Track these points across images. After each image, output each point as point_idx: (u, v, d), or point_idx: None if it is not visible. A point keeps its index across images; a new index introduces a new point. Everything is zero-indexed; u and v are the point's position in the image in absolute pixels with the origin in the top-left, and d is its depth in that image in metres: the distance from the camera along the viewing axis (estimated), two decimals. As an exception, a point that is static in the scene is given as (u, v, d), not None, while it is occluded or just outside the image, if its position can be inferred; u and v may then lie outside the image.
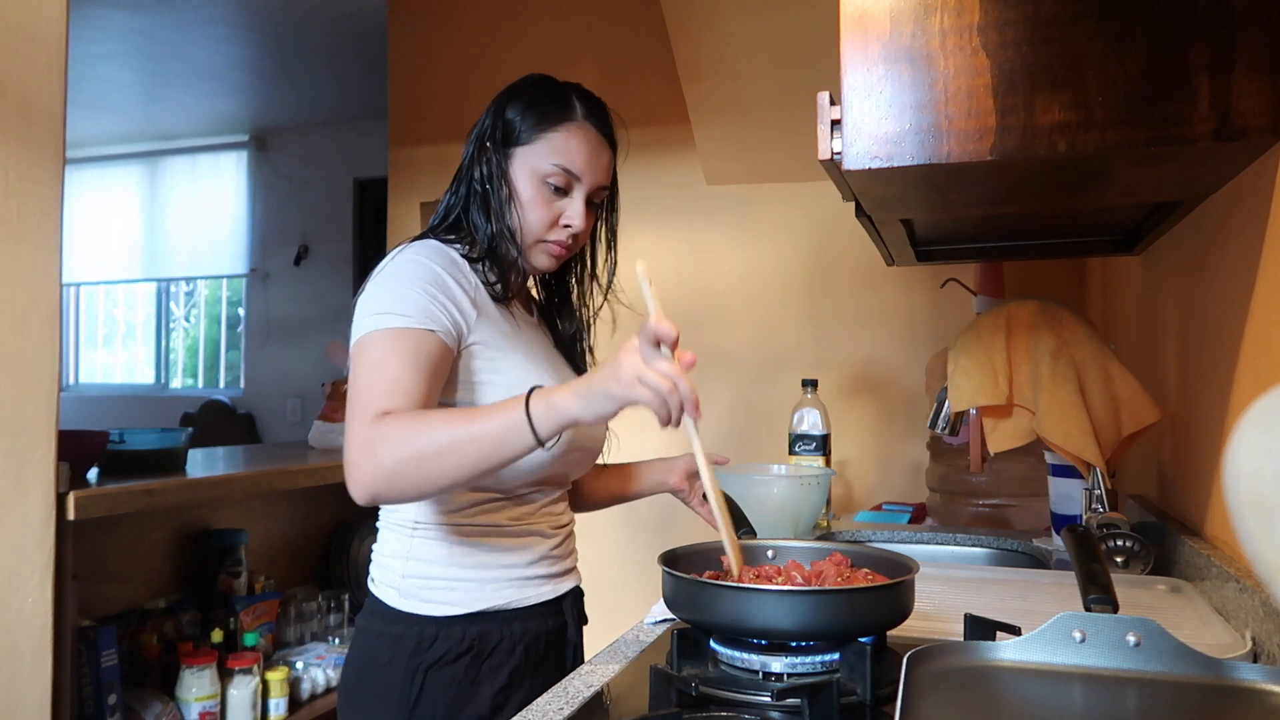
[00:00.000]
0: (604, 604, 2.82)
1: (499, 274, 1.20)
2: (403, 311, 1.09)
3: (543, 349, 1.27)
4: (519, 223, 1.21)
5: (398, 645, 1.15)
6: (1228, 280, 1.17)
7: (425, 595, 1.17)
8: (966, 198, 1.21)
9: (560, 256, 1.25)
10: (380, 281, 1.14)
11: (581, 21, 2.90)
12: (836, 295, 2.71)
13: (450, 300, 1.12)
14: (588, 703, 0.90)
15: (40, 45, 1.52)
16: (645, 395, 0.95)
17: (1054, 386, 1.55)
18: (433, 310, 1.10)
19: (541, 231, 1.21)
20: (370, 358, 1.07)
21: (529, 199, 1.20)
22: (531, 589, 1.21)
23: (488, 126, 1.24)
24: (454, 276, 1.14)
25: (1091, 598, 0.80)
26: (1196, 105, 0.90)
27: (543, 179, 1.20)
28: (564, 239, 1.22)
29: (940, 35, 0.97)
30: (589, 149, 1.22)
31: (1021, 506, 2.10)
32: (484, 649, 1.16)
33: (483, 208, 1.22)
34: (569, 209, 1.22)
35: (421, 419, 1.02)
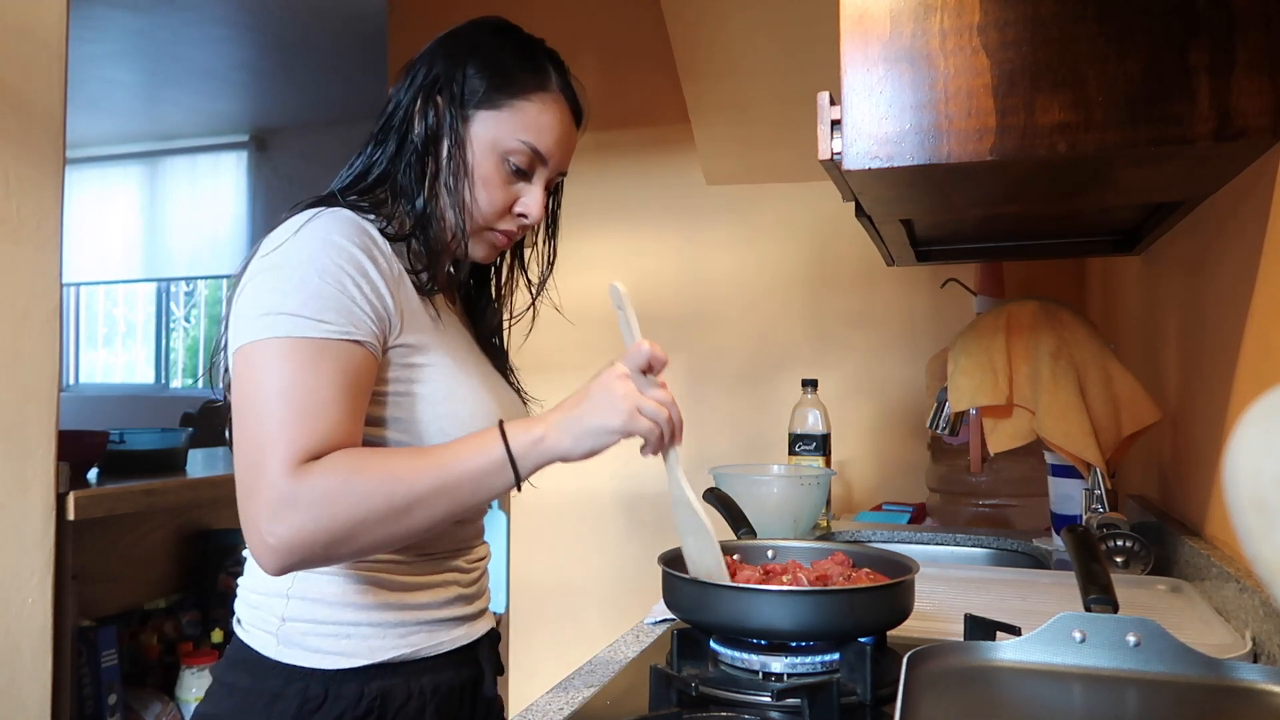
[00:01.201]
0: (604, 604, 2.83)
1: (427, 258, 0.98)
2: (318, 315, 0.85)
3: (468, 350, 1.04)
4: (469, 202, 0.99)
5: (273, 707, 0.90)
6: (1228, 280, 1.17)
7: (311, 643, 0.92)
8: (966, 198, 1.21)
9: (502, 248, 1.05)
10: (280, 268, 0.87)
11: (581, 21, 2.90)
12: (836, 295, 2.71)
13: (374, 295, 0.90)
14: (588, 703, 0.90)
15: (40, 45, 1.52)
16: (645, 427, 0.86)
17: (1054, 386, 1.55)
18: (356, 312, 0.88)
19: (491, 217, 1.00)
20: (273, 375, 0.84)
21: (485, 176, 0.98)
22: (443, 633, 0.99)
23: (439, 75, 0.99)
24: (374, 261, 0.91)
25: (1091, 598, 0.80)
26: (1196, 105, 0.91)
27: (504, 155, 0.98)
28: (513, 229, 1.03)
29: (940, 35, 0.97)
30: (561, 127, 1.03)
31: (1021, 506, 2.10)
32: (387, 710, 0.93)
33: (419, 174, 0.98)
34: (527, 195, 1.01)
35: (365, 466, 0.83)
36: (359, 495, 0.82)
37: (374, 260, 0.91)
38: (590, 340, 2.94)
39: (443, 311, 1.02)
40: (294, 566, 0.83)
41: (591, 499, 2.87)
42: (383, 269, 0.91)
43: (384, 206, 0.99)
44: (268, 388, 0.84)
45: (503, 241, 1.03)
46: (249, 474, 0.83)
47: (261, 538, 0.81)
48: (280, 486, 0.81)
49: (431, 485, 0.84)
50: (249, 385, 0.85)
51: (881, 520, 2.12)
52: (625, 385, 0.86)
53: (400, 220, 0.98)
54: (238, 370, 0.87)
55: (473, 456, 0.85)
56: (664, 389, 0.89)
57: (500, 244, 1.04)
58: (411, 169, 0.99)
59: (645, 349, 0.90)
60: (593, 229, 2.93)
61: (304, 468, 0.82)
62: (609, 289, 0.95)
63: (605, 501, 2.86)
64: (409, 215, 0.98)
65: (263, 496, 0.81)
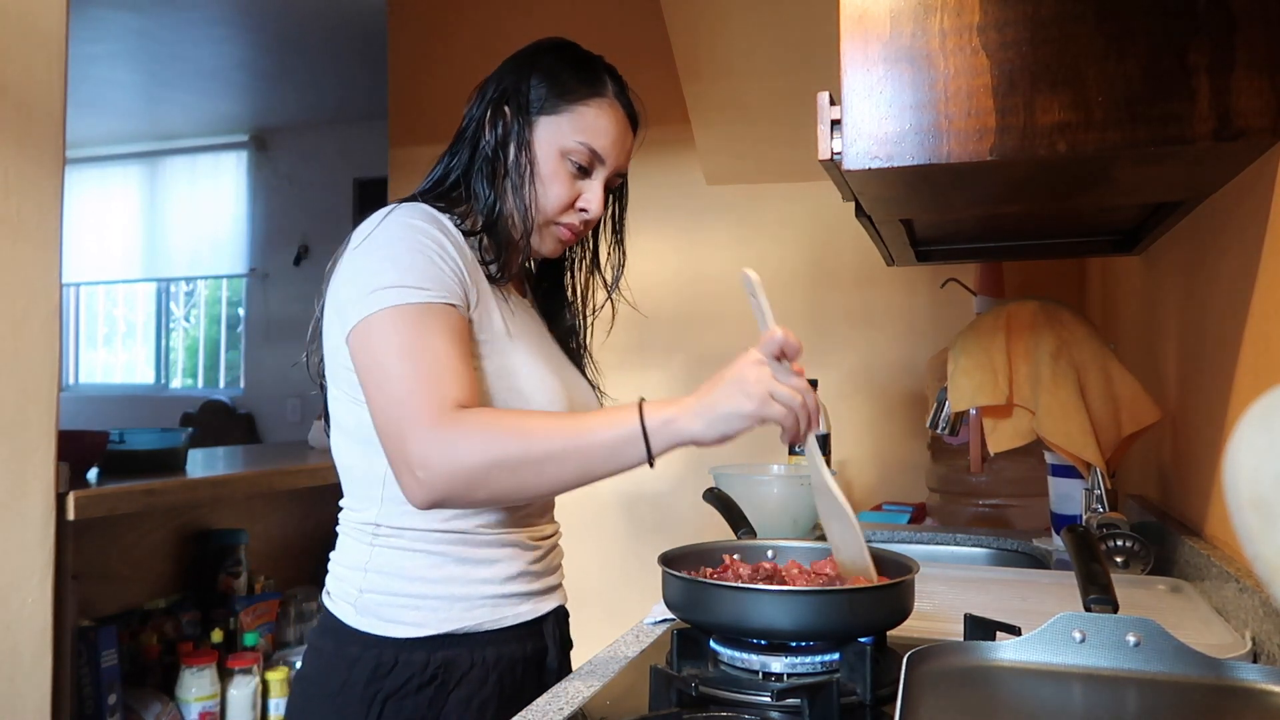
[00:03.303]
0: (604, 604, 2.83)
1: (496, 252, 1.08)
2: (419, 284, 0.96)
3: (539, 336, 1.15)
4: (534, 198, 1.09)
5: (352, 670, 1.00)
6: (1228, 280, 1.17)
7: (385, 613, 1.02)
8: (966, 198, 1.21)
9: (569, 242, 1.14)
10: (372, 252, 1.00)
11: (581, 21, 2.89)
12: (836, 295, 2.71)
13: (455, 269, 1.01)
14: (588, 703, 0.90)
15: (40, 45, 1.52)
16: (779, 412, 0.89)
17: (1054, 386, 1.55)
18: (447, 281, 0.99)
19: (556, 212, 1.10)
20: (394, 341, 0.94)
21: (549, 174, 1.08)
22: (507, 608, 1.07)
23: (507, 88, 1.11)
24: (451, 241, 1.03)
25: (1091, 598, 0.80)
26: (1196, 105, 0.90)
27: (565, 155, 1.09)
28: (577, 223, 1.12)
29: (940, 35, 0.97)
30: (617, 129, 1.13)
31: (1021, 506, 2.10)
32: (451, 677, 1.02)
33: (489, 176, 1.10)
34: (588, 191, 1.11)
35: (515, 420, 0.94)
36: (498, 441, 0.91)
37: (449, 241, 1.02)
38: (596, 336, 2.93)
39: (515, 302, 1.12)
40: (441, 502, 0.93)
41: (591, 499, 2.87)
42: (459, 249, 1.02)
43: (458, 206, 1.10)
44: (393, 352, 0.94)
45: (567, 236, 1.12)
46: (396, 427, 0.93)
47: (414, 475, 0.92)
48: (427, 429, 0.91)
49: (564, 446, 0.91)
50: (375, 355, 0.96)
51: (881, 520, 2.12)
52: (759, 371, 0.89)
53: (474, 218, 1.09)
54: (357, 347, 0.97)
55: (607, 428, 0.91)
56: (800, 375, 0.92)
57: (565, 238, 1.12)
58: (482, 172, 1.10)
59: (779, 336, 0.91)
60: (593, 229, 2.92)
61: (447, 414, 0.91)
62: (741, 277, 0.99)
63: (605, 501, 2.86)
64: (481, 213, 1.09)
65: (412, 439, 0.91)
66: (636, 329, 2.87)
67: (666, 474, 2.80)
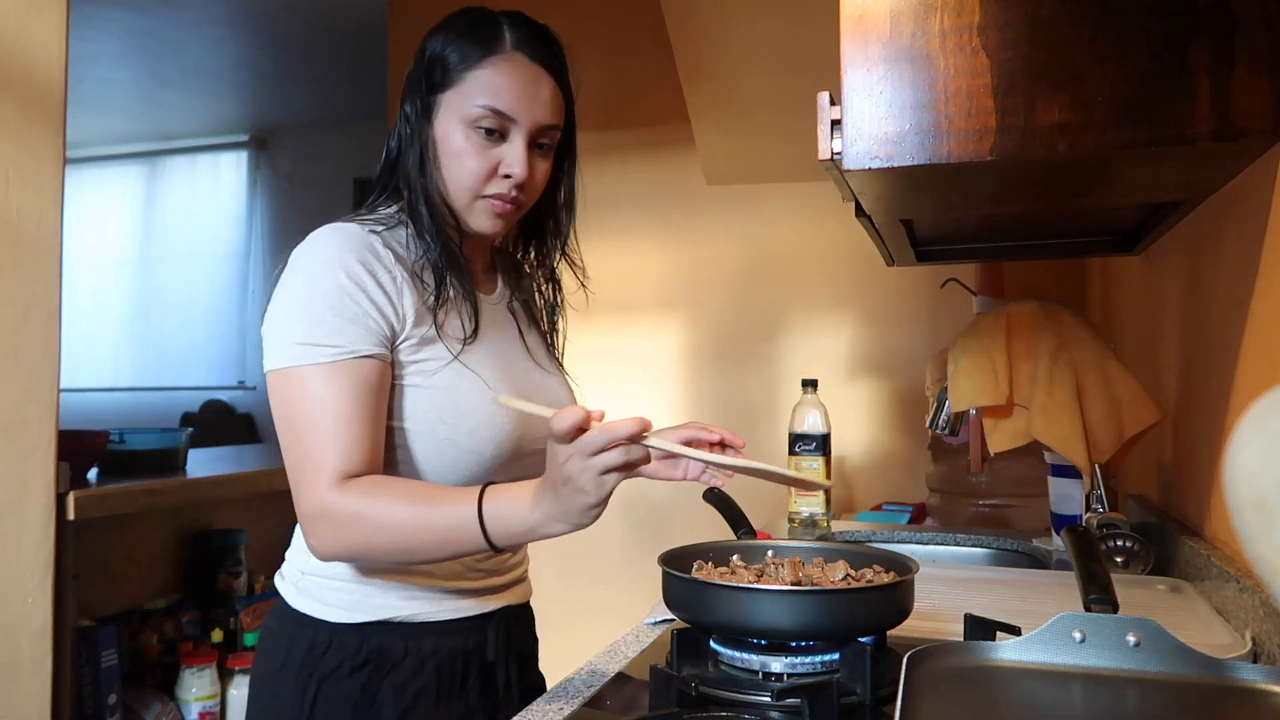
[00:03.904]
0: (604, 604, 2.83)
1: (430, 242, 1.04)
2: (327, 339, 0.95)
3: (505, 339, 1.12)
4: (449, 177, 1.04)
5: (290, 650, 1.02)
6: (1228, 280, 1.17)
7: (322, 595, 1.03)
8: (966, 198, 1.21)
9: (507, 214, 1.07)
10: (292, 293, 0.98)
11: (581, 21, 2.89)
12: (836, 295, 2.71)
13: (373, 304, 0.97)
14: (588, 703, 0.90)
15: (40, 45, 1.52)
16: (616, 479, 0.83)
17: (1050, 387, 1.55)
18: (360, 330, 0.96)
19: (477, 184, 1.04)
20: (306, 398, 0.94)
21: (459, 148, 1.03)
22: (448, 601, 1.06)
23: (412, 76, 1.08)
24: (372, 272, 0.98)
25: (1091, 598, 0.80)
26: (1196, 105, 0.90)
27: (471, 124, 1.03)
28: (506, 191, 1.04)
29: (940, 35, 0.97)
30: (521, 82, 1.04)
31: (1021, 506, 2.10)
32: (384, 664, 1.02)
33: (411, 168, 1.06)
34: (507, 155, 1.04)
35: (380, 497, 0.93)
36: (364, 534, 0.93)
37: (371, 271, 0.98)
38: (597, 336, 2.94)
39: (484, 302, 1.10)
40: (338, 560, 0.99)
41: (591, 499, 2.87)
42: (382, 279, 0.99)
43: (399, 198, 1.08)
44: (295, 414, 0.96)
45: (502, 207, 1.06)
46: (294, 489, 0.96)
47: (309, 535, 0.95)
48: (312, 506, 0.94)
49: (417, 526, 0.92)
50: (279, 410, 0.97)
51: (881, 520, 2.12)
52: (577, 465, 0.82)
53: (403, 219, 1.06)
54: (270, 393, 0.98)
55: (451, 512, 0.90)
56: (600, 431, 0.82)
57: (500, 210, 1.06)
58: (408, 160, 1.06)
59: (565, 419, 0.82)
60: (592, 228, 2.92)
61: (330, 494, 0.93)
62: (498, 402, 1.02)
63: (605, 501, 2.85)
64: (414, 200, 1.05)
65: (302, 511, 0.95)
66: (637, 329, 2.87)
67: (666, 474, 2.79)
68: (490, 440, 1.02)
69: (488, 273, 1.18)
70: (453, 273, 1.05)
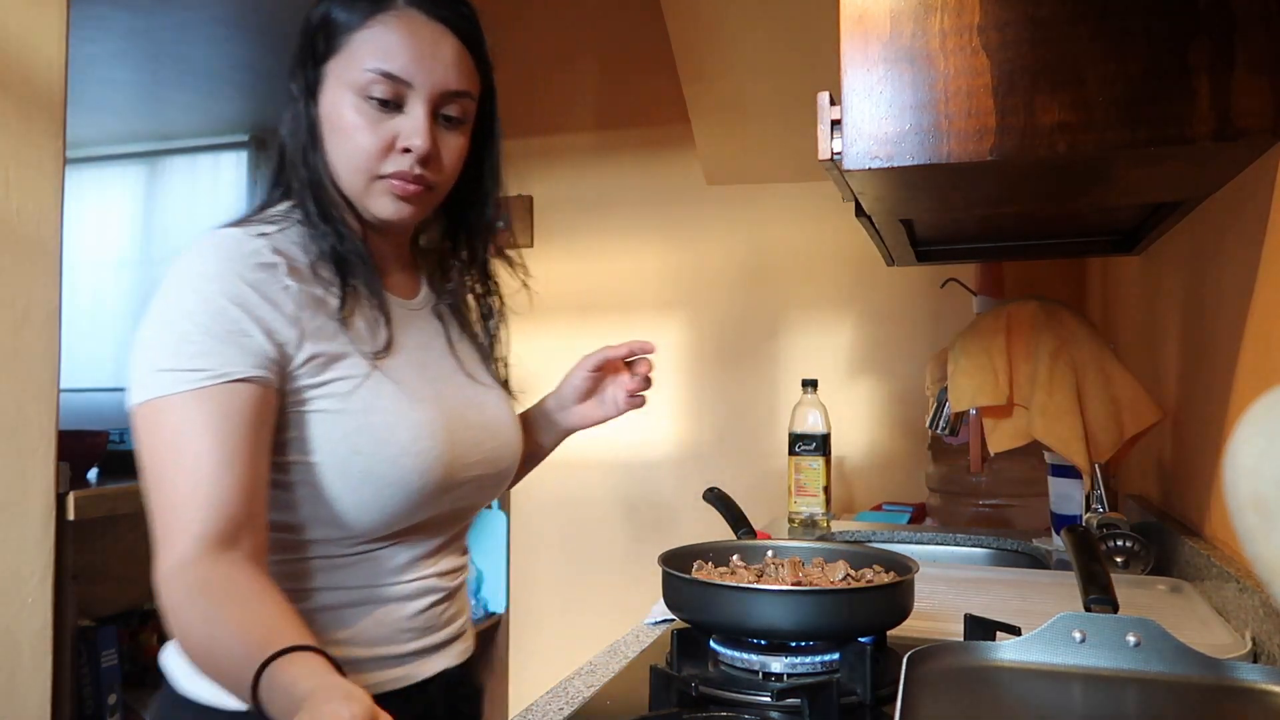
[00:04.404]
0: (604, 604, 2.83)
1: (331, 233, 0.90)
2: (194, 364, 0.79)
3: (428, 349, 0.97)
4: (339, 157, 0.90)
5: None
6: (1228, 280, 1.17)
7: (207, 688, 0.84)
8: (966, 198, 1.21)
9: (413, 197, 0.91)
10: (162, 309, 0.82)
11: (581, 21, 2.89)
12: (836, 295, 2.71)
13: (261, 319, 0.82)
14: (588, 703, 0.90)
15: (40, 45, 1.52)
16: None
17: (1050, 387, 1.55)
18: (231, 350, 0.80)
19: (371, 162, 0.89)
20: (167, 436, 0.78)
21: (349, 122, 0.89)
22: (374, 674, 0.88)
23: (296, 50, 0.95)
24: (254, 285, 0.83)
25: (1091, 598, 0.80)
26: (1196, 105, 0.90)
27: (360, 92, 0.88)
28: (407, 168, 0.89)
29: (940, 35, 0.97)
30: (417, 41, 0.89)
31: (1021, 506, 2.10)
32: None
33: (302, 145, 0.92)
34: (405, 126, 0.89)
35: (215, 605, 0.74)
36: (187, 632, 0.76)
37: (253, 281, 0.83)
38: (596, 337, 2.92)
39: (402, 309, 0.97)
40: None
41: (591, 499, 2.87)
42: (267, 288, 0.83)
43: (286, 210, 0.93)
44: (156, 454, 0.79)
45: (404, 189, 0.90)
46: (158, 536, 0.79)
47: (159, 600, 0.79)
48: (161, 571, 0.78)
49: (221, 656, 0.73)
50: (140, 450, 0.80)
51: (881, 520, 2.12)
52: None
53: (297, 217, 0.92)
54: (138, 427, 0.81)
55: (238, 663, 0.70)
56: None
57: (403, 191, 0.90)
58: (297, 148, 0.93)
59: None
60: (593, 228, 2.93)
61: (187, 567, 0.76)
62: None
63: (605, 501, 2.86)
64: (303, 193, 0.91)
65: (163, 567, 0.78)
66: (637, 329, 2.87)
67: (667, 474, 2.80)
68: (415, 469, 0.88)
69: (407, 274, 1.02)
70: (355, 269, 0.91)
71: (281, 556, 0.87)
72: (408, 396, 0.90)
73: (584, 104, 2.90)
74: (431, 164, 0.91)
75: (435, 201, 0.95)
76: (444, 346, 1.00)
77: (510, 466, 1.02)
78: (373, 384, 0.88)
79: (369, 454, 0.86)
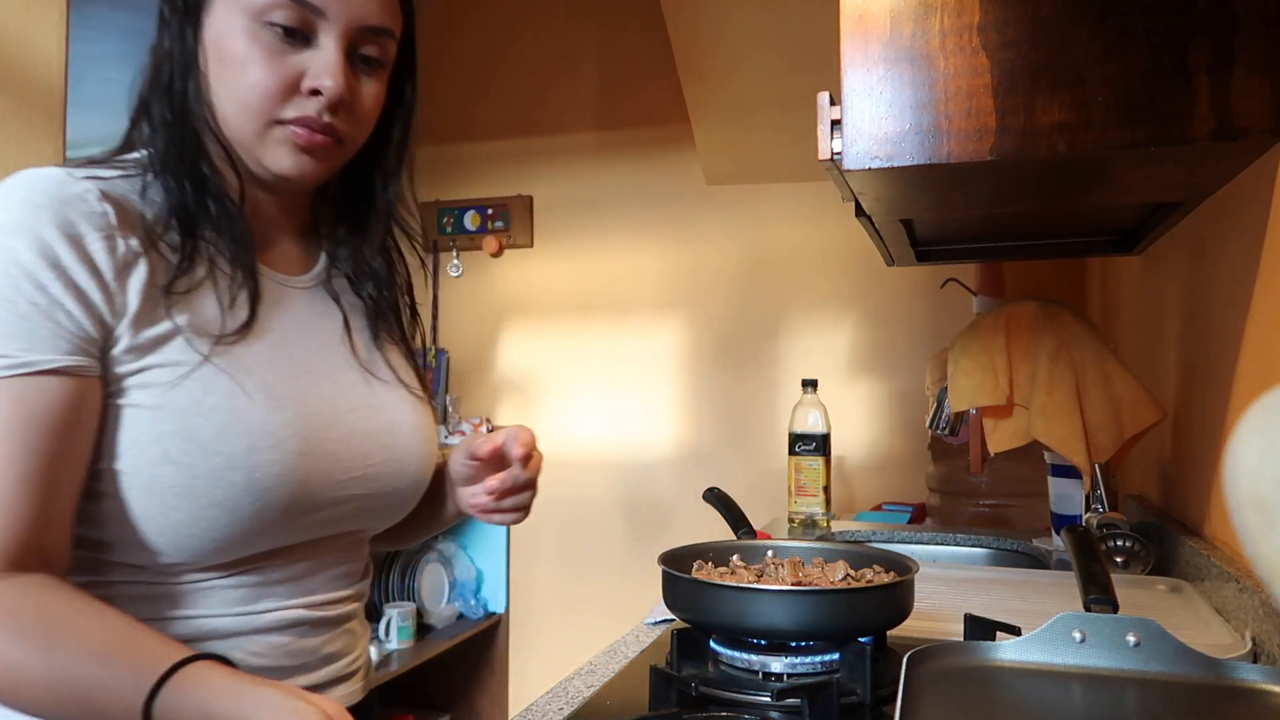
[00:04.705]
0: (604, 604, 2.83)
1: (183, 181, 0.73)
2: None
3: (299, 346, 0.78)
4: (227, 96, 0.73)
5: None
6: (1228, 280, 1.17)
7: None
8: (966, 198, 1.21)
9: (318, 149, 0.75)
10: None
11: (582, 22, 2.89)
12: (836, 295, 2.72)
13: (75, 290, 0.66)
14: (588, 703, 0.90)
15: (40, 45, 1.52)
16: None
17: (1050, 387, 1.55)
18: (39, 331, 0.64)
19: (269, 103, 0.73)
20: None
21: (242, 54, 0.72)
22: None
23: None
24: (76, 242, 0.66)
25: (1091, 598, 0.80)
26: (1196, 105, 0.91)
27: (259, 17, 0.72)
28: (314, 113, 0.73)
29: (940, 35, 0.97)
30: None
31: (1021, 506, 2.10)
32: None
33: (166, 91, 0.74)
34: (314, 63, 0.73)
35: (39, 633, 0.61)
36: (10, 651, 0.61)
37: (74, 237, 0.66)
38: (596, 336, 2.95)
39: (280, 285, 0.80)
40: None
41: (591, 499, 2.87)
42: (90, 246, 0.67)
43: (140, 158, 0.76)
44: None
45: (308, 138, 0.74)
46: None
47: None
48: None
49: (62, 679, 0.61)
50: None
51: (881, 520, 2.12)
52: None
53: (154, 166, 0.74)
54: None
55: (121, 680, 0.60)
56: None
57: (307, 141, 0.74)
58: (158, 92, 0.76)
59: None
60: (593, 228, 2.93)
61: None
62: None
63: (605, 501, 2.86)
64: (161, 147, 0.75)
65: None
66: (636, 329, 2.87)
67: (667, 474, 2.80)
68: (248, 487, 0.70)
69: (299, 244, 0.85)
70: (209, 228, 0.74)
71: (87, 579, 0.70)
72: (251, 393, 0.71)
73: (584, 104, 2.90)
74: (344, 112, 0.75)
75: (343, 158, 0.80)
76: (334, 334, 0.82)
77: (411, 487, 0.84)
78: (203, 375, 0.70)
79: (185, 465, 0.68)
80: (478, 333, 3.01)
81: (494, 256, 3.01)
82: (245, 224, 0.77)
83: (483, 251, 3.01)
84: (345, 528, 0.80)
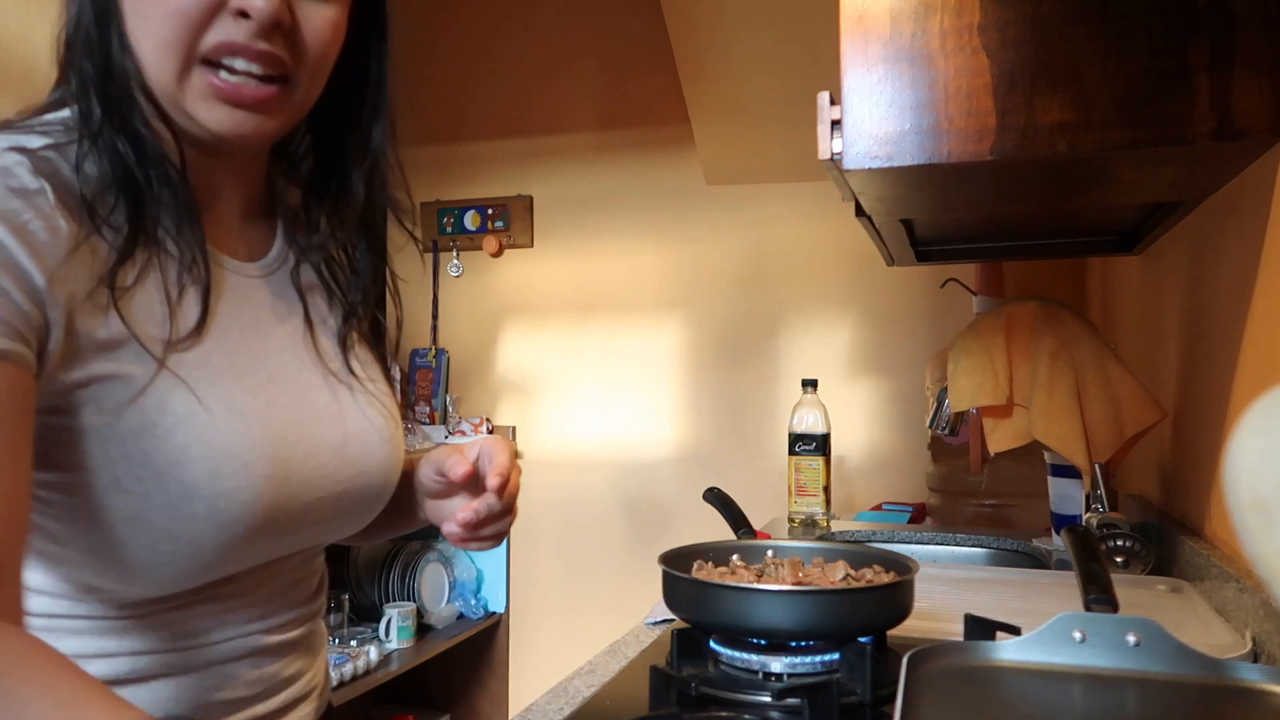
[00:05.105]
0: (604, 604, 2.83)
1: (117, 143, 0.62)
2: None
3: (256, 345, 0.68)
4: (142, 33, 0.61)
5: None
6: (1228, 280, 1.17)
7: None
8: (966, 198, 1.21)
9: (249, 101, 0.62)
10: None
11: (582, 21, 2.89)
12: (837, 295, 2.72)
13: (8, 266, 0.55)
14: (588, 703, 0.90)
15: (40, 45, 1.52)
16: None
17: (1050, 386, 1.55)
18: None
19: (186, 33, 0.60)
20: None
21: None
22: None
23: None
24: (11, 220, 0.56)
25: (1091, 598, 0.80)
26: (1196, 105, 0.91)
27: None
28: (241, 39, 0.60)
29: (940, 35, 0.97)
30: None
31: (1021, 506, 2.10)
32: None
33: (85, 22, 0.63)
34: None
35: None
36: None
37: (4, 215, 0.56)
38: (596, 336, 2.96)
39: (234, 274, 0.69)
40: None
41: (591, 499, 2.87)
42: (24, 219, 0.56)
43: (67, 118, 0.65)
44: None
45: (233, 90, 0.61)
46: None
47: None
48: None
49: None
50: None
51: (881, 520, 2.12)
52: None
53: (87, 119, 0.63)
54: None
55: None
56: None
57: (234, 94, 0.61)
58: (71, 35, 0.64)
59: None
60: (593, 228, 2.93)
61: None
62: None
63: (605, 501, 2.86)
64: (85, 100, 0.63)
65: None
66: (636, 329, 2.87)
67: (667, 474, 2.80)
68: (212, 518, 0.61)
69: (253, 223, 0.73)
70: (155, 200, 0.62)
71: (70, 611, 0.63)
72: (213, 409, 0.62)
73: (584, 104, 2.90)
74: (283, 40, 0.61)
75: (294, 107, 0.65)
76: (295, 332, 0.72)
77: (378, 497, 0.76)
78: (158, 390, 0.60)
79: (139, 494, 0.59)
80: (478, 333, 3.01)
81: (494, 256, 3.01)
82: (190, 193, 0.64)
83: (483, 251, 3.01)
84: (306, 544, 0.73)
